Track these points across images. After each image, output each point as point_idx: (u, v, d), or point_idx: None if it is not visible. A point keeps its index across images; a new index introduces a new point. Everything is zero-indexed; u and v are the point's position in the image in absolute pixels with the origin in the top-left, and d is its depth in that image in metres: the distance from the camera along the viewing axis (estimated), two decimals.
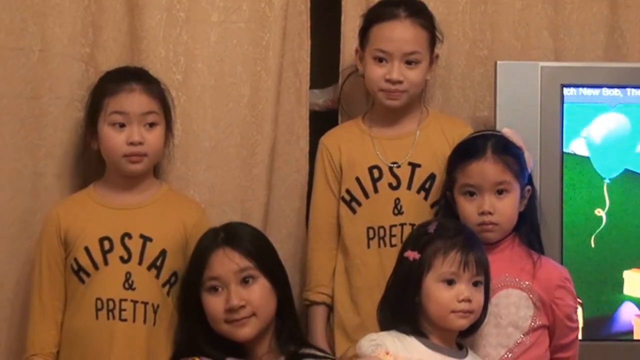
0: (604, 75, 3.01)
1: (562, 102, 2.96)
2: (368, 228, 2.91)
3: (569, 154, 2.97)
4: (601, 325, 2.98)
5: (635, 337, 2.99)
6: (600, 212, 2.97)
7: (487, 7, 3.17)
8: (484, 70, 3.15)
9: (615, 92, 2.98)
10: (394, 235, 2.87)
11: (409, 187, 2.90)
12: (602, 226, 2.97)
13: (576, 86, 2.97)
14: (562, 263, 2.83)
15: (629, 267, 2.99)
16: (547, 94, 2.94)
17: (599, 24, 3.22)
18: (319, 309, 2.96)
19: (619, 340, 3.01)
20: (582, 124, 2.98)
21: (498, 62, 2.97)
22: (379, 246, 2.89)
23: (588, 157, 2.98)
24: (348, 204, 2.94)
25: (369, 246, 2.91)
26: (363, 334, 2.63)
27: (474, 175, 2.64)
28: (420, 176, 2.90)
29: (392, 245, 2.86)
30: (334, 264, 2.98)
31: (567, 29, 3.20)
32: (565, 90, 2.96)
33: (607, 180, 2.97)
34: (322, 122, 3.16)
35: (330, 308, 2.98)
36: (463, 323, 2.44)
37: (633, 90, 2.98)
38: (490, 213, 2.61)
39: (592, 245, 2.97)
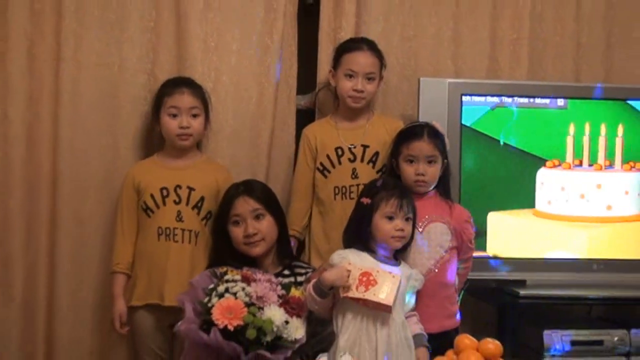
0: (487, 88, 3.05)
1: (461, 105, 3.00)
2: (334, 187, 2.93)
3: (466, 137, 3.00)
4: None
5: None
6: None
7: (412, 43, 3.20)
8: (409, 85, 3.16)
9: (495, 98, 3.04)
10: (352, 192, 2.89)
11: (362, 160, 2.92)
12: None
13: (470, 95, 3.01)
14: None
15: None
16: (451, 99, 2.98)
17: (482, 55, 3.26)
18: (292, 239, 2.94)
19: None
20: (473, 119, 3.02)
21: (421, 79, 2.99)
22: (342, 199, 2.91)
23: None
24: (321, 172, 2.95)
25: (335, 199, 2.93)
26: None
27: (415, 149, 2.68)
28: (369, 153, 2.92)
29: (350, 199, 2.87)
30: (306, 212, 2.99)
31: (463, 58, 3.24)
32: (463, 98, 3.00)
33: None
34: (303, 117, 3.18)
35: (298, 240, 2.98)
36: (398, 244, 2.50)
37: (504, 98, 3.04)
38: (423, 174, 2.67)
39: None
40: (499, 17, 3.27)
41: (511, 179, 3.06)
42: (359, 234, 2.51)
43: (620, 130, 3.06)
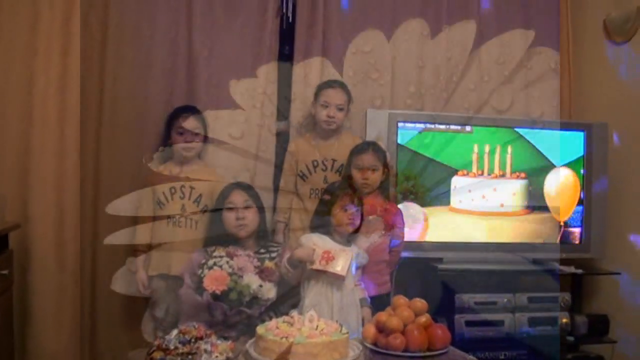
0: (416, 117, 2.89)
1: (397, 129, 2.85)
2: (310, 188, 2.75)
3: (401, 152, 2.82)
4: None
5: None
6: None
7: (361, 85, 3.00)
8: (361, 115, 2.90)
9: (422, 125, 2.87)
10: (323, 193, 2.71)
11: (331, 170, 2.75)
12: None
13: (403, 122, 2.86)
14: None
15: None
16: (390, 125, 2.83)
17: (412, 93, 3.06)
18: (281, 224, 2.79)
19: None
20: (406, 139, 2.85)
21: (368, 110, 2.87)
22: (315, 198, 2.72)
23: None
24: (301, 177, 2.78)
25: (310, 197, 2.74)
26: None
27: (361, 161, 2.56)
28: (336, 166, 2.75)
29: None
30: (289, 204, 2.78)
31: (398, 96, 3.05)
32: (399, 124, 2.85)
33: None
34: (280, 137, 2.95)
35: (286, 225, 2.79)
36: (350, 229, 2.38)
37: (428, 124, 2.88)
38: (367, 179, 2.54)
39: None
40: (424, 69, 3.13)
41: (433, 184, 2.91)
42: (322, 222, 2.41)
43: (509, 149, 2.96)
